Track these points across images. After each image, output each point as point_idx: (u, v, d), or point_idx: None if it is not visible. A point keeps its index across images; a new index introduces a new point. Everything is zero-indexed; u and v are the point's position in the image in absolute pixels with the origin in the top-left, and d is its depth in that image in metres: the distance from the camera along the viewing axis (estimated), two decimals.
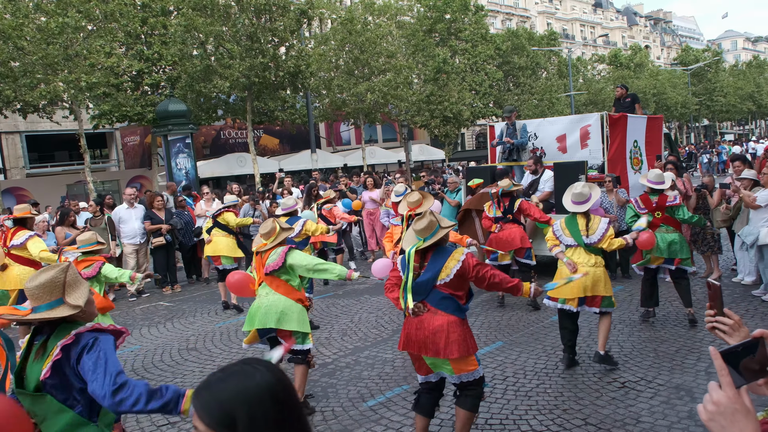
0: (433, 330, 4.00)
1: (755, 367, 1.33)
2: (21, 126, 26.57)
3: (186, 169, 19.15)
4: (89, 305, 2.82)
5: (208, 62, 20.92)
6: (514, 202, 7.99)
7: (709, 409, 1.29)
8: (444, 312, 4.06)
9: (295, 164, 28.67)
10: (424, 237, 4.17)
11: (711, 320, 1.66)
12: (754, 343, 1.36)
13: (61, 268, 2.80)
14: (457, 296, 4.11)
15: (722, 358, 1.31)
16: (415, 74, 29.81)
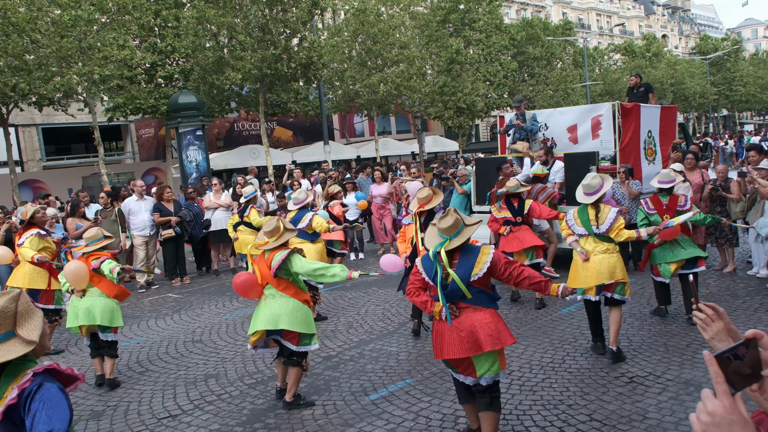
0: (475, 327, 3.91)
1: (746, 371, 1.21)
2: (37, 119, 26.79)
3: (197, 161, 19.18)
4: (43, 338, 2.43)
5: (221, 54, 20.90)
6: (523, 203, 7.64)
7: (703, 419, 1.17)
8: (482, 306, 4.02)
9: (309, 156, 28.64)
10: (450, 235, 4.03)
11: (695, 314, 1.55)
12: (745, 344, 1.24)
13: (11, 296, 2.41)
14: (488, 289, 4.10)
15: (718, 364, 1.19)
16: (428, 65, 29.57)
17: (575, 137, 10.18)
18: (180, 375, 6.18)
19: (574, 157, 9.29)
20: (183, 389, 5.75)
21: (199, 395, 5.59)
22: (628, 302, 7.42)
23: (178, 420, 5.07)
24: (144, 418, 5.17)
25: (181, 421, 5.04)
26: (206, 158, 19.79)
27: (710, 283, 8.24)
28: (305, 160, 26.86)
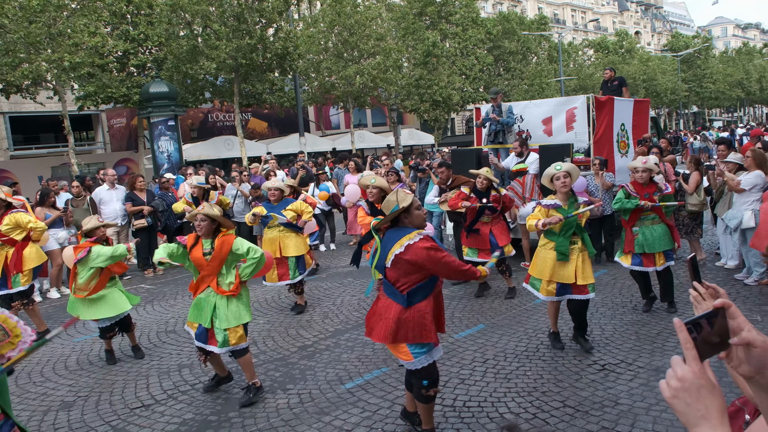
0: (375, 312, 4.15)
1: (714, 339, 1.25)
2: (4, 107, 26.17)
3: (168, 152, 18.91)
4: None
5: (195, 43, 20.60)
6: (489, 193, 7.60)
7: (672, 385, 1.20)
8: (386, 296, 4.06)
9: (284, 148, 28.44)
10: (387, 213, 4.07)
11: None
12: (714, 313, 1.27)
13: None
14: (400, 283, 3.94)
15: (687, 331, 1.21)
16: (404, 58, 29.55)
17: (550, 129, 10.26)
18: (153, 365, 6.10)
19: (549, 149, 9.37)
20: (156, 379, 5.68)
21: (172, 385, 5.53)
22: (600, 292, 7.55)
23: (152, 410, 5.01)
24: (116, 408, 5.09)
25: (154, 411, 4.97)
26: (179, 149, 19.54)
27: (680, 274, 8.40)
28: (280, 152, 26.66)
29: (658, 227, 6.52)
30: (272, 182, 8.09)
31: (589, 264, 5.56)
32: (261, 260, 5.01)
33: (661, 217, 6.55)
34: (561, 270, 5.52)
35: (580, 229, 5.57)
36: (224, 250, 4.95)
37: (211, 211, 5.01)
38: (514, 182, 8.99)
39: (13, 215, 7.14)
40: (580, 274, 5.47)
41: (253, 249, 4.99)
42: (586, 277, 5.47)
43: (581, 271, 5.48)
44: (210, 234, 5.00)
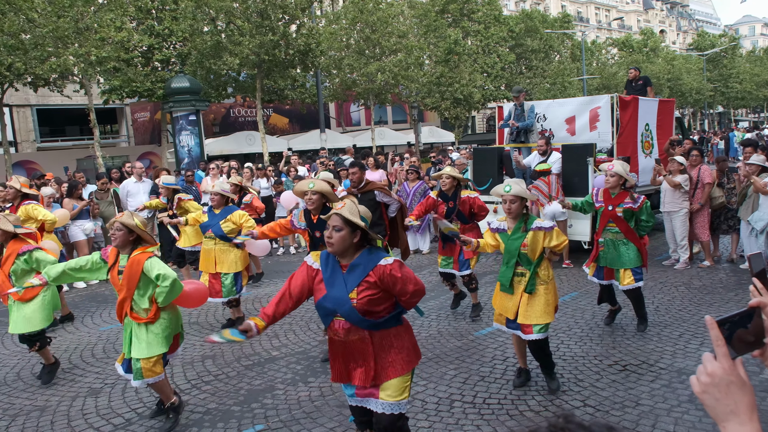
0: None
1: (749, 338, 1.27)
2: (32, 99, 26.59)
3: (189, 146, 19.12)
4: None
5: (219, 39, 20.79)
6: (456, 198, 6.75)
7: (702, 380, 1.23)
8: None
9: (304, 144, 28.57)
10: None
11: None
12: (749, 313, 1.29)
13: None
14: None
15: (719, 328, 1.24)
16: (426, 55, 29.50)
17: (573, 129, 10.22)
18: (177, 355, 6.20)
19: (572, 148, 9.34)
20: (180, 369, 5.79)
21: (196, 375, 5.63)
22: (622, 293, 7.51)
23: None
24: (141, 396, 5.20)
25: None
26: (199, 143, 19.73)
27: (703, 276, 8.33)
28: (301, 148, 26.79)
29: (622, 243, 6.01)
30: (212, 185, 7.05)
31: (539, 302, 4.71)
32: (173, 289, 4.34)
33: (625, 233, 5.96)
34: (505, 302, 4.87)
35: (526, 261, 4.74)
36: (135, 270, 4.33)
37: (129, 220, 4.37)
38: (538, 181, 8.94)
39: (25, 207, 7.13)
40: (522, 312, 4.73)
41: (163, 276, 4.30)
42: (528, 316, 4.69)
43: (524, 308, 4.72)
44: (127, 248, 4.42)
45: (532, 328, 4.71)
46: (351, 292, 3.25)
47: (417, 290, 3.34)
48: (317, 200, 5.44)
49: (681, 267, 8.77)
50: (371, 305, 3.26)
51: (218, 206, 6.85)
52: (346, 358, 3.39)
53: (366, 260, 3.30)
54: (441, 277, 7.27)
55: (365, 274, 3.26)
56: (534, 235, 4.68)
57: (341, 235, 3.24)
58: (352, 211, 3.29)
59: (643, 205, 5.95)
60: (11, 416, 4.96)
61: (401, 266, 3.31)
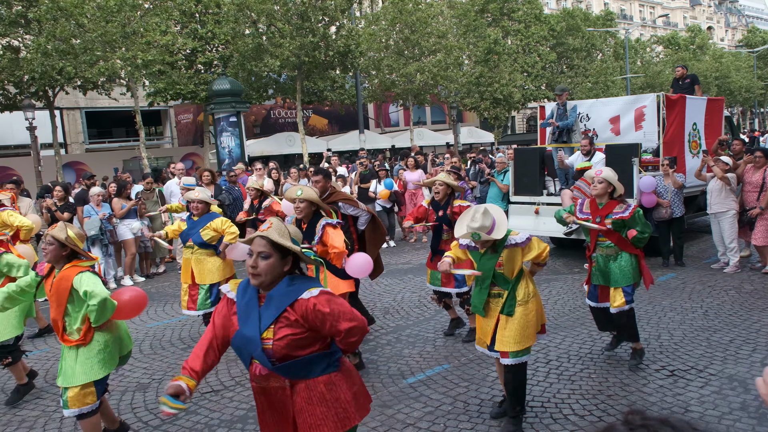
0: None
1: None
2: (81, 102, 27.45)
3: (229, 147, 19.44)
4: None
5: (260, 41, 21.12)
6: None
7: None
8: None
9: (343, 144, 28.77)
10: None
11: None
12: None
13: None
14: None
15: None
16: (465, 55, 29.38)
17: (618, 129, 10.02)
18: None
19: (616, 148, 9.16)
20: (224, 366, 5.88)
21: (240, 373, 5.71)
22: (669, 296, 7.34)
23: (221, 395, 5.20)
24: None
25: (223, 396, 5.16)
26: (240, 144, 20.03)
27: (755, 280, 8.07)
28: (340, 149, 26.99)
29: (614, 257, 5.24)
30: (195, 192, 6.57)
31: (515, 326, 4.18)
32: (104, 308, 3.86)
33: (617, 243, 5.22)
34: (483, 324, 4.39)
35: (503, 281, 4.22)
36: (63, 287, 3.93)
37: (60, 233, 3.96)
38: (580, 182, 8.77)
39: (0, 214, 6.84)
40: (498, 336, 4.24)
41: (90, 294, 3.82)
42: (504, 342, 4.19)
43: (501, 332, 4.23)
44: (61, 263, 4.02)
45: (507, 353, 4.21)
46: (265, 331, 2.64)
47: (353, 328, 2.66)
48: (305, 208, 5.08)
49: (731, 270, 8.51)
50: (292, 348, 2.63)
51: (200, 214, 6.48)
52: (272, 410, 2.77)
53: (284, 292, 2.66)
54: (434, 295, 6.45)
55: (282, 309, 2.63)
56: (509, 252, 4.17)
57: (269, 264, 2.64)
58: (281, 231, 2.70)
59: (635, 214, 5.12)
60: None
61: (330, 300, 2.65)
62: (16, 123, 22.49)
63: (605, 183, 5.21)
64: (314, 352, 2.69)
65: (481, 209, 4.11)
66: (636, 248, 5.23)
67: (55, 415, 4.99)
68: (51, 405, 5.22)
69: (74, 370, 3.92)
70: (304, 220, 5.15)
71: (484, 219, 4.03)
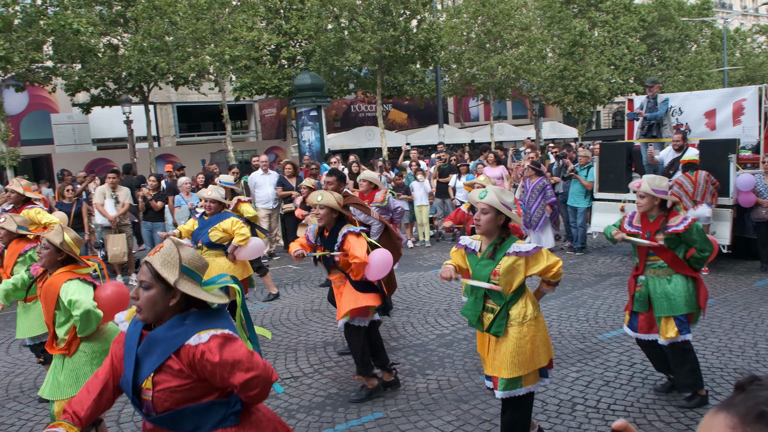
0: None
1: None
2: (173, 97, 28.79)
3: (309, 141, 19.84)
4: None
5: (342, 36, 21.41)
6: None
7: None
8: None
9: (422, 139, 28.73)
10: None
11: None
12: None
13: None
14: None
15: None
16: (549, 48, 28.62)
17: (713, 123, 9.50)
18: (300, 340, 6.48)
19: (711, 144, 8.68)
20: (303, 353, 6.03)
21: (318, 360, 5.84)
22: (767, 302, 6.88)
23: (300, 381, 5.34)
24: None
25: (302, 383, 5.29)
26: (319, 138, 20.39)
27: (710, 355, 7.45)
28: (419, 143, 26.96)
29: (668, 279, 4.52)
30: (208, 191, 6.36)
31: (508, 348, 3.61)
32: (87, 319, 3.59)
33: (671, 263, 4.51)
34: (480, 342, 3.91)
35: (497, 295, 3.66)
36: (50, 293, 3.74)
37: (55, 237, 3.77)
38: (682, 178, 8.26)
39: (28, 211, 6.67)
40: (490, 361, 3.75)
41: (74, 304, 3.58)
42: (495, 367, 3.68)
43: (492, 353, 3.72)
44: (55, 268, 3.82)
45: (497, 381, 3.69)
46: (145, 380, 2.22)
47: (251, 380, 2.19)
48: (325, 215, 4.80)
49: None
50: (178, 401, 2.21)
51: (212, 213, 6.25)
52: None
53: (169, 335, 2.21)
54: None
55: (166, 356, 2.19)
56: (509, 262, 3.59)
57: (149, 297, 2.23)
58: (168, 258, 2.27)
59: (692, 227, 4.39)
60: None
61: (224, 346, 2.17)
62: (115, 117, 23.85)
63: (648, 198, 4.53)
64: (208, 400, 2.26)
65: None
66: (693, 270, 4.54)
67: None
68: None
69: (59, 382, 3.71)
70: (327, 227, 4.87)
71: (507, 195, 3.66)
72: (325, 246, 4.87)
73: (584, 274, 8.84)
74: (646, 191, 4.51)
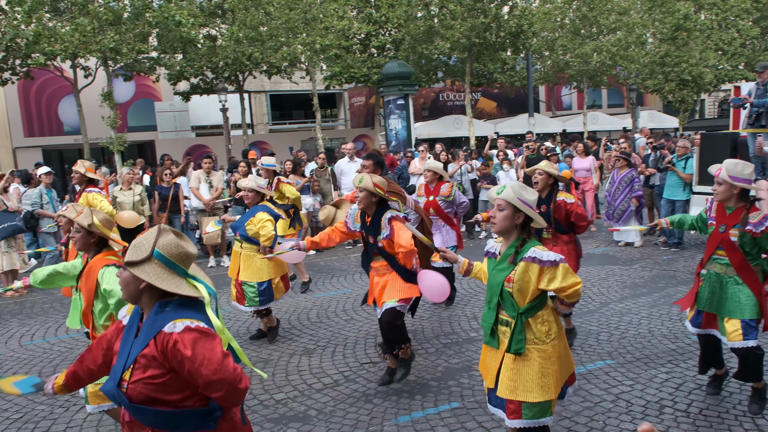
0: None
1: None
2: (266, 86, 29.74)
3: (396, 129, 19.89)
4: None
5: (431, 23, 21.30)
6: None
7: None
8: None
9: (512, 128, 28.17)
10: None
11: None
12: None
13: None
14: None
15: None
16: (649, 33, 27.21)
17: None
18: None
19: None
20: None
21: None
22: None
23: (378, 367, 5.40)
24: (348, 360, 5.59)
25: (380, 368, 5.34)
26: (406, 127, 20.41)
27: None
28: (508, 132, 26.46)
29: (733, 280, 4.13)
30: (246, 180, 6.20)
31: (532, 369, 3.19)
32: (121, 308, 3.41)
33: (738, 268, 4.08)
34: (489, 361, 3.41)
35: (510, 306, 3.26)
36: (90, 279, 3.70)
37: (84, 219, 3.72)
38: None
39: (87, 195, 6.82)
40: (505, 379, 3.25)
41: (110, 293, 3.58)
42: (514, 388, 3.21)
43: (508, 373, 3.24)
44: (91, 251, 3.81)
45: (519, 407, 3.19)
46: (126, 370, 2.22)
47: (216, 382, 2.15)
48: (363, 198, 4.59)
49: None
50: (152, 391, 2.17)
51: (252, 203, 6.06)
52: None
53: (152, 320, 2.22)
54: None
55: (145, 344, 2.19)
56: (526, 267, 3.18)
57: (123, 277, 2.29)
58: (140, 241, 2.28)
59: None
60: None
61: (198, 340, 2.15)
62: (212, 106, 24.93)
63: (725, 185, 4.08)
64: (186, 407, 2.22)
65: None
66: (759, 282, 4.04)
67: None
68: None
69: None
70: (368, 212, 4.68)
71: (528, 192, 3.26)
72: (367, 232, 4.69)
73: (679, 271, 8.39)
74: (724, 178, 4.06)
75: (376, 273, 4.84)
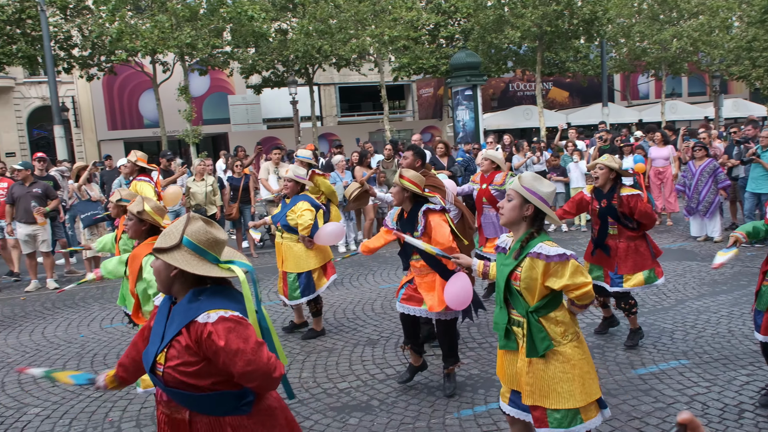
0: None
1: None
2: (336, 78, 30.06)
3: (463, 121, 19.64)
4: None
5: (501, 12, 20.90)
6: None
7: None
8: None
9: (584, 118, 27.32)
10: None
11: None
12: None
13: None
14: None
15: None
16: (735, 16, 25.72)
17: None
18: None
19: None
20: None
21: (461, 341, 5.81)
22: None
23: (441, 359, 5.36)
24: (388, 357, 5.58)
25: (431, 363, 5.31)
26: (474, 118, 20.11)
27: None
28: (580, 123, 25.69)
29: None
30: (286, 170, 6.15)
31: (544, 376, 2.94)
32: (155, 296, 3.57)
33: None
34: (508, 365, 3.14)
35: (518, 303, 3.03)
36: (135, 265, 3.77)
37: (135, 207, 3.78)
38: None
39: (135, 184, 6.86)
40: (527, 388, 2.98)
41: (150, 282, 3.64)
42: (530, 393, 2.97)
43: (528, 378, 2.98)
44: (142, 238, 3.86)
45: (544, 414, 2.94)
46: (160, 353, 2.24)
47: (251, 373, 2.15)
48: (396, 193, 4.45)
49: None
50: (186, 377, 2.19)
51: (292, 193, 5.97)
52: None
53: (186, 308, 2.22)
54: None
55: (178, 329, 2.20)
56: (531, 264, 2.94)
57: (155, 266, 2.30)
58: (170, 230, 2.28)
59: None
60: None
61: (231, 330, 2.14)
62: (282, 98, 25.43)
63: None
64: (219, 390, 2.23)
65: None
66: None
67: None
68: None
69: None
70: (404, 207, 4.50)
71: (542, 183, 3.03)
72: (404, 228, 4.44)
73: None
74: None
75: (418, 273, 4.57)
